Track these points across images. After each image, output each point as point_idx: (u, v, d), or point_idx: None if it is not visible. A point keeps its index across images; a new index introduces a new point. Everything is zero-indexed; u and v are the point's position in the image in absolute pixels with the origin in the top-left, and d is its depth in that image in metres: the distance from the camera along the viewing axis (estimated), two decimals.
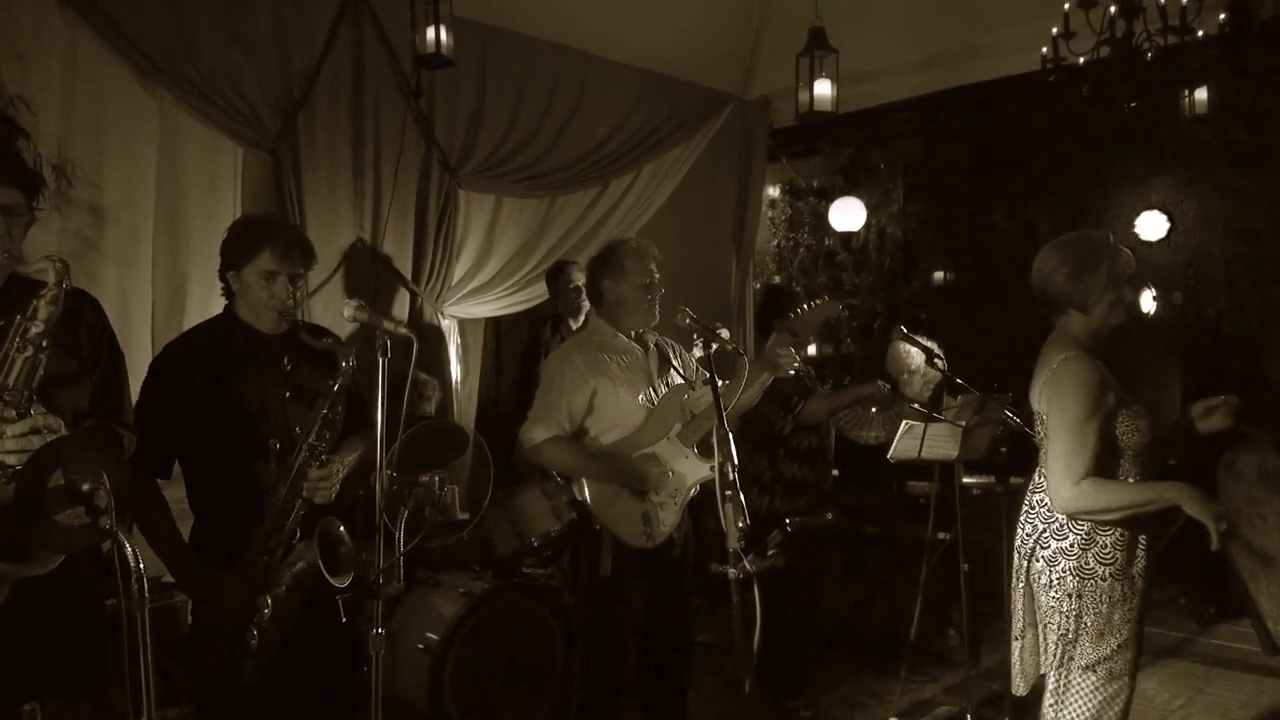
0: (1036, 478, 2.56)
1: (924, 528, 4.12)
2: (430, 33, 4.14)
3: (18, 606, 1.98)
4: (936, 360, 3.92)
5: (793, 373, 3.15)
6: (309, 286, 4.11)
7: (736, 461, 2.55)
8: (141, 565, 1.78)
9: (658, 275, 3.14)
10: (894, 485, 5.06)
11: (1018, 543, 2.57)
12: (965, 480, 4.31)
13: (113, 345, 2.29)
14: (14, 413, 1.89)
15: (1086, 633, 2.39)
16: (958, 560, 4.01)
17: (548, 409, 3.08)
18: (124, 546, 1.76)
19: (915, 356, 4.84)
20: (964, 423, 3.94)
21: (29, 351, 1.91)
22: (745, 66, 5.96)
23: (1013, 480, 4.35)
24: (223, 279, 2.59)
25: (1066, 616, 2.40)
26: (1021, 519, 2.57)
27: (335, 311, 4.02)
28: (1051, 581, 2.43)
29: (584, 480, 3.06)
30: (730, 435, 2.59)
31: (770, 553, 2.83)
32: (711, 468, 2.76)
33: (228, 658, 2.42)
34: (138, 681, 1.83)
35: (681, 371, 3.24)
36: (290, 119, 4.19)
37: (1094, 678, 2.41)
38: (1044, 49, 4.34)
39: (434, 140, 4.71)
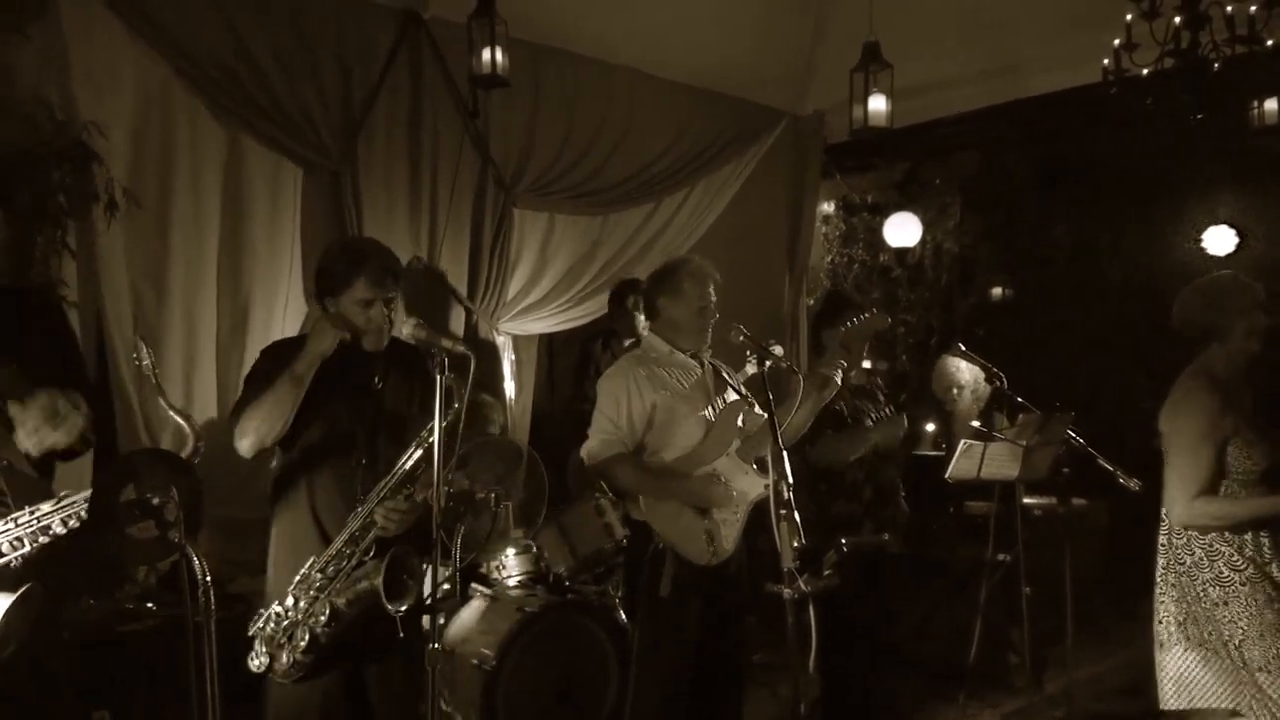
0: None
1: (983, 548, 4.04)
2: (486, 54, 4.20)
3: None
4: (996, 378, 3.85)
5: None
6: None
7: (791, 480, 2.53)
8: (208, 578, 1.82)
9: (714, 299, 3.12)
10: (952, 506, 4.97)
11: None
12: (1026, 501, 4.22)
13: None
14: None
15: (1249, 637, 2.51)
16: (1018, 582, 3.92)
17: (610, 426, 3.06)
18: (192, 559, 1.80)
19: (964, 373, 4.73)
20: (1025, 442, 3.86)
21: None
22: (799, 82, 5.93)
23: (1075, 501, 4.26)
24: (320, 304, 2.65)
25: (1231, 625, 2.54)
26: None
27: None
28: (1199, 595, 2.59)
29: (643, 499, 3.04)
30: (785, 454, 2.57)
31: (826, 573, 2.78)
32: (767, 485, 2.74)
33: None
34: (204, 688, 1.87)
35: (738, 387, 3.23)
36: (350, 140, 4.28)
37: (1267, 677, 2.49)
38: (1105, 60, 4.26)
39: (489, 159, 4.78)
